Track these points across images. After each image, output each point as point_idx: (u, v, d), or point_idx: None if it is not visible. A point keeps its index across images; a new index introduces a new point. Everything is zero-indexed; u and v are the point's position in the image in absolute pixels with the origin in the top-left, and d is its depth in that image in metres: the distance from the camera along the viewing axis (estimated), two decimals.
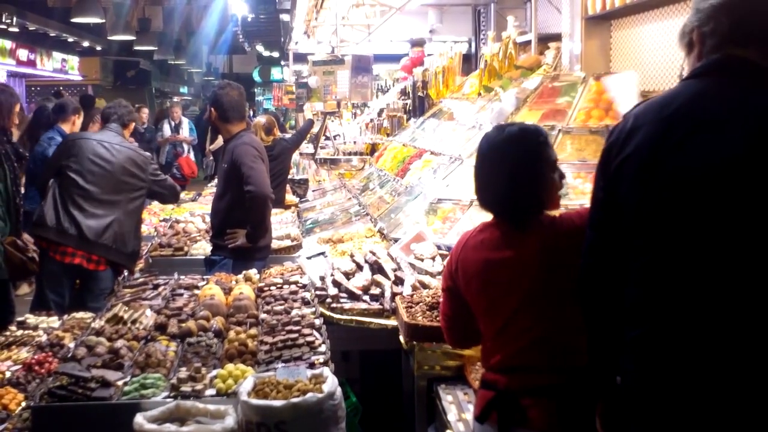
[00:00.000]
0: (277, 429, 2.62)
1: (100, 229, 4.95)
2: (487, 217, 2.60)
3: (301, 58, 15.25)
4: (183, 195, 9.03)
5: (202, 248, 5.49)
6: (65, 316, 4.00)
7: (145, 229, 6.89)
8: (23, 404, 2.96)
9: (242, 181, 4.72)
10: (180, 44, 20.48)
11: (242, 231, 4.83)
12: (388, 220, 5.49)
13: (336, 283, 4.10)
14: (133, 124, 5.50)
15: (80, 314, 4.00)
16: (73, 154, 5.06)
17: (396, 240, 4.81)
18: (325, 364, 3.06)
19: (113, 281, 5.06)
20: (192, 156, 13.30)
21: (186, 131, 13.51)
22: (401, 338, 3.48)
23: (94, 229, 4.93)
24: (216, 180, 6.57)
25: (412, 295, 3.75)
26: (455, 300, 2.63)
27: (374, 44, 11.97)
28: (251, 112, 19.90)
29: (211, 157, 11.58)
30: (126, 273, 5.08)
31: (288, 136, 12.83)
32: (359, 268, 4.30)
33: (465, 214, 4.82)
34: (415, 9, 9.66)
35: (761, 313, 1.78)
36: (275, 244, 5.31)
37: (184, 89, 33.94)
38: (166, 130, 12.54)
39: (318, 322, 3.51)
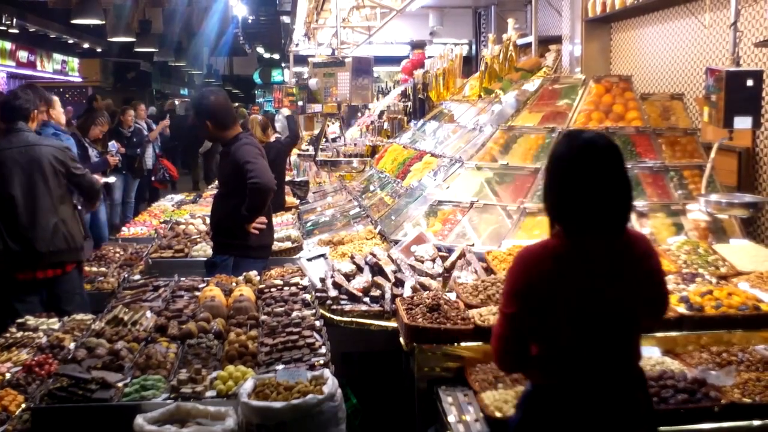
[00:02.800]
0: (278, 430, 2.63)
1: (48, 236, 4.71)
2: (488, 220, 2.60)
3: (301, 59, 15.26)
4: (183, 197, 9.03)
5: (203, 250, 5.49)
6: (65, 318, 4.00)
7: (145, 230, 6.91)
8: (23, 406, 2.96)
9: (245, 179, 4.72)
10: (180, 46, 20.51)
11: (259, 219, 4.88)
12: (389, 221, 5.50)
13: (336, 285, 4.10)
14: (36, 112, 4.91)
15: (80, 316, 4.00)
16: None
17: (396, 242, 4.81)
18: (325, 365, 3.06)
19: (80, 279, 4.98)
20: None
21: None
22: (401, 340, 3.48)
23: (43, 240, 4.70)
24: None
25: (412, 297, 3.75)
26: (524, 321, 2.41)
27: (375, 46, 11.98)
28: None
29: (200, 159, 11.29)
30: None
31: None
32: (359, 269, 4.30)
33: (465, 216, 4.82)
34: (415, 11, 9.68)
35: None
36: (276, 245, 5.32)
37: (184, 91, 34.00)
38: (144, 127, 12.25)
39: (318, 323, 3.52)
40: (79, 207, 5.20)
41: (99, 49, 19.90)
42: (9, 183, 4.68)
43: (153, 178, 11.74)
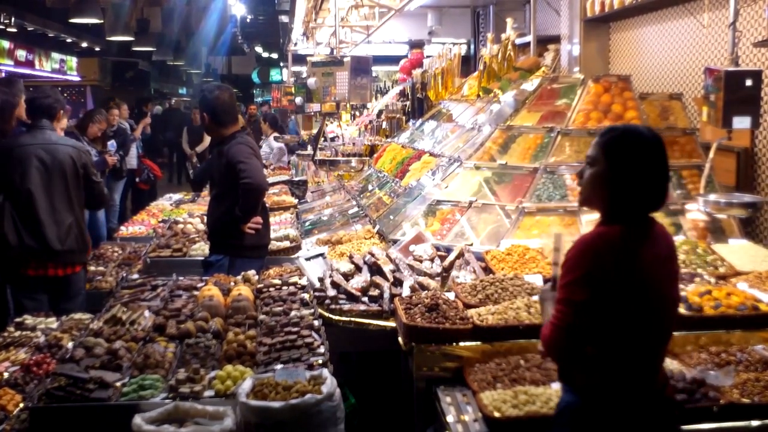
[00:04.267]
0: (276, 430, 2.62)
1: (63, 235, 4.74)
2: (487, 220, 2.60)
3: (300, 59, 15.26)
4: (181, 196, 9.01)
5: (201, 249, 5.48)
6: (63, 317, 3.99)
7: (144, 230, 6.90)
8: (21, 405, 2.95)
9: (238, 178, 4.72)
10: (179, 45, 20.47)
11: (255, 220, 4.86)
12: (387, 221, 5.49)
13: (335, 285, 4.10)
14: (62, 112, 4.96)
15: (78, 315, 3.99)
16: (16, 167, 4.69)
17: (395, 241, 4.81)
18: (323, 365, 3.06)
19: (85, 280, 5.02)
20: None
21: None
22: (400, 340, 3.48)
23: (58, 238, 4.72)
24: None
25: (410, 297, 3.75)
26: (593, 310, 2.38)
27: (373, 46, 11.97)
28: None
29: (195, 159, 11.12)
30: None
31: (286, 136, 12.76)
32: (358, 269, 4.30)
33: (463, 215, 4.82)
34: (414, 11, 9.67)
35: None
36: (274, 245, 5.31)
37: (182, 90, 33.98)
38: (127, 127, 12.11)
39: (317, 323, 3.51)
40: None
41: (97, 48, 19.87)
42: (28, 178, 4.70)
43: (137, 179, 11.62)
